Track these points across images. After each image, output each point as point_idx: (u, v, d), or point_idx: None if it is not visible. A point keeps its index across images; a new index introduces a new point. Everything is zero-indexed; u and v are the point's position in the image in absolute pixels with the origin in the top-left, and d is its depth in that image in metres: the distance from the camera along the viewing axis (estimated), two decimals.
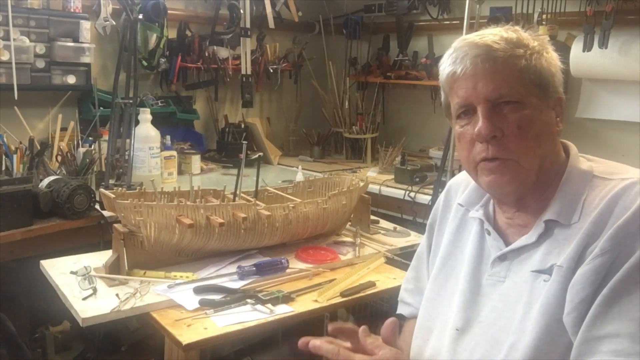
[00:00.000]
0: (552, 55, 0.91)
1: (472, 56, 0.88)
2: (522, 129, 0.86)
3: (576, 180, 0.88)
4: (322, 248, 1.69)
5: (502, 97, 0.87)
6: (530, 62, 0.87)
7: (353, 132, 3.02)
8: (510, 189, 0.90)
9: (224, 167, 2.75)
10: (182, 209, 1.43)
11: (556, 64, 0.91)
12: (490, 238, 0.96)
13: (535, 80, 0.88)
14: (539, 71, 0.88)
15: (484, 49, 0.88)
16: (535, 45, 0.89)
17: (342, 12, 3.32)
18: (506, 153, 0.87)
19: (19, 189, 1.72)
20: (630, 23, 2.18)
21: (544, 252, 0.87)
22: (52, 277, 1.45)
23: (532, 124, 0.86)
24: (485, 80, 0.87)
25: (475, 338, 0.91)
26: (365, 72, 3.15)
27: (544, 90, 0.88)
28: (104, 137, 2.24)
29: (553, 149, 0.90)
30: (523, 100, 0.87)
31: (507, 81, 0.86)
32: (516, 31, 0.90)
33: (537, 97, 0.88)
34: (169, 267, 1.47)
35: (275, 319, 1.30)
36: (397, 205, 2.36)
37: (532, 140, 0.87)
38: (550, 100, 0.90)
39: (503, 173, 0.88)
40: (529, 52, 0.88)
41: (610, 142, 2.41)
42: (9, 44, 2.07)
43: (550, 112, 0.89)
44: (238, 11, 2.80)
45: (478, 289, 0.94)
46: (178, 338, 1.18)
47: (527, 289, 0.86)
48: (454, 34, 2.72)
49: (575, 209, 0.86)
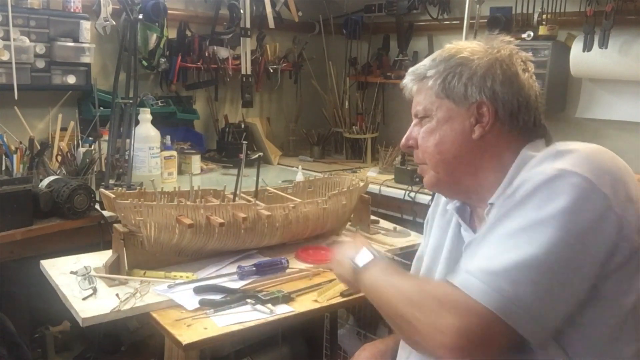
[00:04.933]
0: (485, 61, 0.97)
1: (406, 79, 1.06)
2: (424, 139, 1.03)
3: (521, 166, 0.95)
4: (322, 248, 1.69)
5: (417, 113, 1.04)
6: (441, 78, 0.99)
7: (353, 132, 3.02)
8: (434, 188, 1.08)
9: (224, 167, 2.75)
10: (182, 209, 1.43)
11: (486, 71, 0.97)
12: (462, 229, 1.07)
13: (445, 94, 0.99)
14: (450, 84, 0.98)
15: (411, 72, 1.06)
16: (463, 56, 0.99)
17: (342, 12, 3.31)
18: (419, 160, 1.07)
19: (19, 189, 1.72)
20: (630, 23, 2.18)
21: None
22: (52, 277, 1.45)
23: (430, 135, 1.01)
24: (414, 99, 1.06)
25: None
26: (365, 72, 3.14)
27: (455, 101, 0.99)
28: (104, 137, 2.24)
29: (468, 154, 0.99)
30: (430, 114, 1.02)
31: (421, 99, 1.03)
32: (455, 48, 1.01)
33: (446, 110, 1.00)
34: (169, 267, 1.47)
35: (275, 319, 1.30)
36: (397, 205, 2.36)
37: (431, 148, 1.02)
38: (467, 108, 0.98)
39: (423, 175, 1.07)
40: (446, 66, 0.99)
41: (610, 142, 2.40)
42: (9, 44, 2.07)
43: (465, 120, 0.98)
44: (238, 11, 2.80)
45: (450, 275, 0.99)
46: (178, 338, 1.18)
47: None
48: (454, 34, 2.75)
49: (510, 189, 0.92)
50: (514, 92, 0.97)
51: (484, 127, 0.97)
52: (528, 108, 0.98)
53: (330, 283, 1.45)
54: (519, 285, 0.79)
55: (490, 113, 0.97)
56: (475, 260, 0.85)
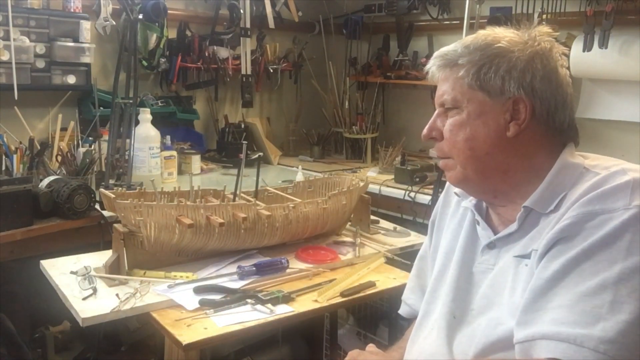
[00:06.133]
0: (524, 54, 0.90)
1: (432, 63, 0.98)
2: (452, 132, 0.94)
3: (563, 172, 0.90)
4: (322, 248, 1.69)
5: (444, 103, 0.96)
6: (475, 68, 0.91)
7: (353, 132, 3.02)
8: (460, 185, 0.99)
9: (224, 167, 2.75)
10: (182, 209, 1.43)
11: (526, 65, 0.90)
12: (479, 227, 1.00)
13: (479, 86, 0.91)
14: (486, 76, 0.91)
15: (439, 56, 0.97)
16: (501, 46, 0.91)
17: (342, 12, 3.31)
18: (442, 154, 0.98)
19: (19, 189, 1.72)
20: (630, 23, 2.18)
21: (527, 239, 0.91)
22: (52, 277, 1.45)
23: (461, 129, 0.93)
24: (438, 86, 0.97)
25: (470, 326, 0.94)
26: (365, 72, 3.15)
27: (490, 95, 0.91)
28: (104, 137, 2.24)
29: (500, 152, 0.92)
30: (460, 105, 0.93)
31: (449, 88, 0.94)
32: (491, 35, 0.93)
33: (478, 103, 0.92)
34: (169, 267, 1.47)
35: (275, 319, 1.30)
36: (397, 205, 2.36)
37: (461, 144, 0.94)
38: (503, 103, 0.91)
39: (447, 171, 0.99)
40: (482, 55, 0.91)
41: (610, 142, 2.40)
42: (9, 44, 2.07)
43: (499, 116, 0.91)
44: (238, 11, 2.80)
45: (469, 277, 0.98)
46: (178, 338, 1.18)
47: (511, 274, 0.90)
48: (454, 34, 2.75)
49: (553, 198, 0.89)
50: (553, 90, 0.91)
51: (520, 124, 0.91)
52: (564, 107, 0.93)
53: (330, 283, 1.45)
54: (635, 349, 0.72)
55: (527, 110, 0.90)
56: (562, 315, 0.76)
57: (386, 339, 2.25)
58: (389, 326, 2.24)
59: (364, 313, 2.36)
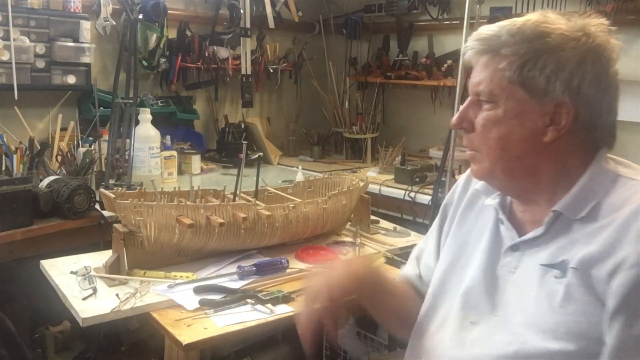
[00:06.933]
0: (576, 53, 0.83)
1: (470, 45, 0.89)
2: (485, 128, 0.88)
3: (596, 179, 0.86)
4: (322, 248, 1.69)
5: (480, 93, 0.88)
6: (519, 62, 0.83)
7: (353, 132, 3.02)
8: (485, 180, 0.94)
9: (224, 167, 2.75)
10: (182, 209, 1.43)
11: (576, 66, 0.83)
12: (503, 227, 0.95)
13: (521, 82, 0.84)
14: (530, 73, 0.83)
15: (480, 39, 0.88)
16: (550, 41, 0.83)
17: (342, 12, 3.31)
18: (472, 147, 0.92)
19: (19, 189, 1.72)
20: (630, 23, 2.18)
21: (555, 246, 0.86)
22: (52, 277, 1.44)
23: (495, 127, 0.87)
24: (475, 72, 0.89)
25: (489, 330, 0.89)
26: (365, 72, 3.15)
27: (531, 94, 0.84)
28: (104, 137, 2.24)
29: (533, 155, 0.87)
30: (496, 100, 0.86)
31: (487, 79, 0.87)
32: (542, 25, 0.84)
33: (517, 101, 0.85)
34: (169, 267, 1.47)
35: (275, 319, 1.29)
36: (397, 205, 2.36)
37: (493, 142, 0.88)
38: (544, 105, 0.85)
39: (473, 163, 0.93)
40: (529, 49, 0.83)
41: None
42: (9, 44, 2.07)
43: (538, 119, 0.85)
44: (238, 11, 2.80)
45: (492, 279, 0.93)
46: (178, 338, 1.18)
47: (536, 283, 0.85)
48: (454, 34, 2.75)
49: (585, 205, 0.85)
50: (600, 94, 0.85)
51: (559, 130, 0.85)
52: (609, 113, 0.87)
53: None
54: None
55: (569, 116, 0.84)
56: None
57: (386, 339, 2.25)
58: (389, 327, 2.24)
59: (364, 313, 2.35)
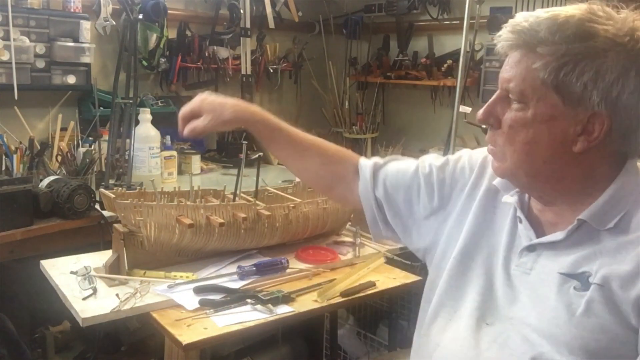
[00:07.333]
0: (618, 61, 0.76)
1: (504, 37, 0.83)
2: (512, 129, 0.83)
3: (626, 188, 0.82)
4: (322, 248, 1.69)
5: (509, 90, 0.83)
6: (555, 65, 0.77)
7: (353, 132, 3.02)
8: (506, 178, 0.90)
9: (224, 167, 2.75)
10: (182, 209, 1.43)
11: (617, 76, 0.76)
12: (521, 226, 0.91)
13: (555, 86, 0.78)
14: (566, 78, 0.77)
15: (516, 31, 0.81)
16: (594, 44, 0.76)
17: (342, 12, 3.31)
18: (495, 144, 0.88)
19: (19, 189, 1.72)
20: None
21: (576, 255, 0.83)
22: (52, 277, 1.44)
23: (523, 130, 0.82)
24: (507, 68, 0.84)
25: (505, 332, 0.87)
26: (365, 72, 3.15)
27: (567, 100, 0.78)
28: (104, 137, 2.24)
29: (560, 163, 0.82)
30: (527, 102, 0.81)
31: (519, 77, 0.81)
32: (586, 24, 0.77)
33: (549, 105, 0.79)
34: (169, 267, 1.47)
35: (275, 319, 1.30)
36: None
37: (518, 145, 0.83)
38: (577, 113, 0.79)
39: (495, 160, 0.89)
40: (568, 50, 0.77)
41: None
42: (9, 44, 2.07)
43: (569, 127, 0.79)
44: (238, 11, 2.80)
45: (507, 279, 0.90)
46: (178, 338, 1.18)
47: (554, 292, 0.82)
48: (454, 34, 2.75)
49: (613, 215, 0.81)
50: (638, 106, 0.77)
51: (590, 142, 0.79)
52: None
53: (330, 283, 1.45)
54: None
55: (603, 128, 0.78)
56: None
57: (386, 339, 2.25)
58: (389, 326, 2.24)
59: (364, 313, 2.36)
